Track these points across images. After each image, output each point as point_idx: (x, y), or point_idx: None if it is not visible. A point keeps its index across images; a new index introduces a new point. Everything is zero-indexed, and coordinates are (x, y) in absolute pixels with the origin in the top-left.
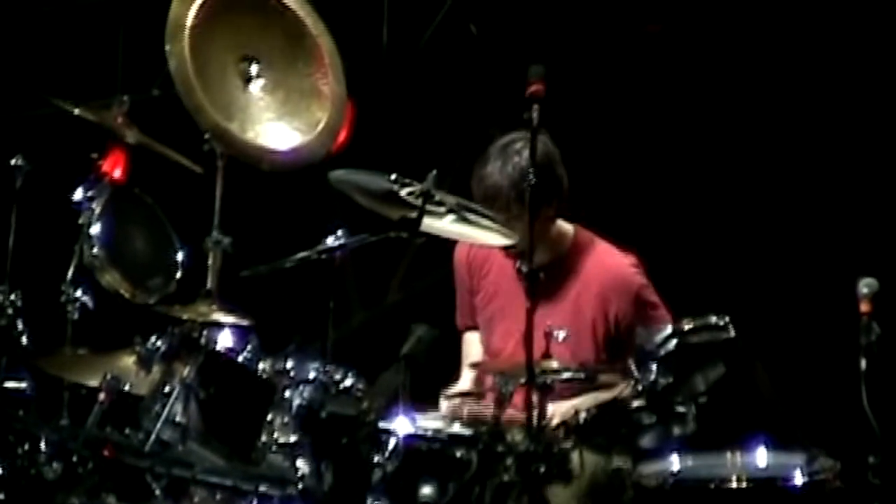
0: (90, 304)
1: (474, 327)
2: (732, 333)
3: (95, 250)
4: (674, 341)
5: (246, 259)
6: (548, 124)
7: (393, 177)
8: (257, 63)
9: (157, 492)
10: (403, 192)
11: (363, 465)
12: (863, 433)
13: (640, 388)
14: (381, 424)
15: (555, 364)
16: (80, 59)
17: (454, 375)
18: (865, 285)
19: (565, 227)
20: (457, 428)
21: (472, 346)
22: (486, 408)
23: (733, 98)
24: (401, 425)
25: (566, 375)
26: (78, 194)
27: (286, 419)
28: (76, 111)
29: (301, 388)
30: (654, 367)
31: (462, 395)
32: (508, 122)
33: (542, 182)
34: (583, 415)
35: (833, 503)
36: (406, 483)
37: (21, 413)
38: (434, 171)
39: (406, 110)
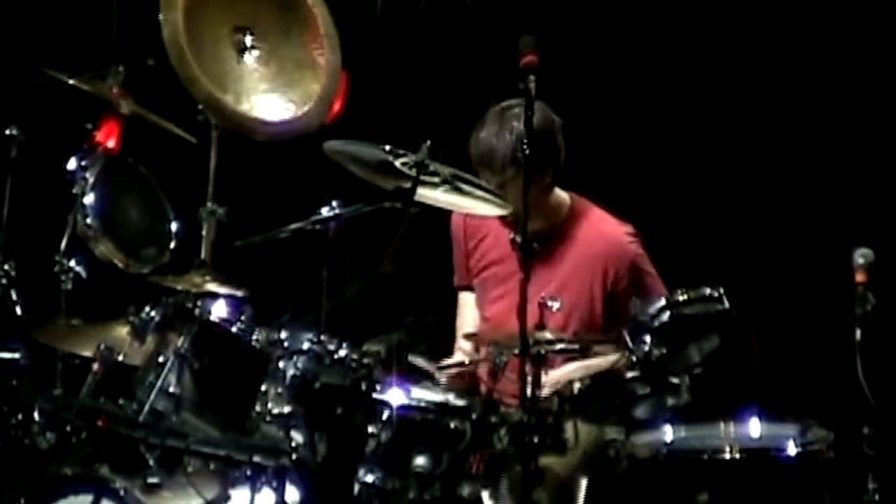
0: (84, 274)
1: (470, 287)
2: (727, 305)
3: (89, 220)
4: (668, 313)
5: (240, 229)
6: (541, 95)
7: (387, 147)
8: (251, 34)
9: (151, 462)
10: (398, 163)
11: (357, 435)
12: (857, 404)
13: (634, 358)
14: (376, 395)
15: (549, 335)
16: (75, 28)
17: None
18: (861, 255)
19: (562, 195)
20: (450, 398)
21: (467, 306)
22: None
23: (728, 67)
24: (395, 396)
25: (560, 346)
26: (72, 164)
27: (280, 389)
28: (71, 81)
29: (295, 358)
30: (648, 338)
31: (455, 365)
32: (503, 93)
33: (539, 149)
34: (576, 385)
35: (826, 474)
36: (400, 453)
37: (14, 383)
38: (428, 142)
39: (400, 81)
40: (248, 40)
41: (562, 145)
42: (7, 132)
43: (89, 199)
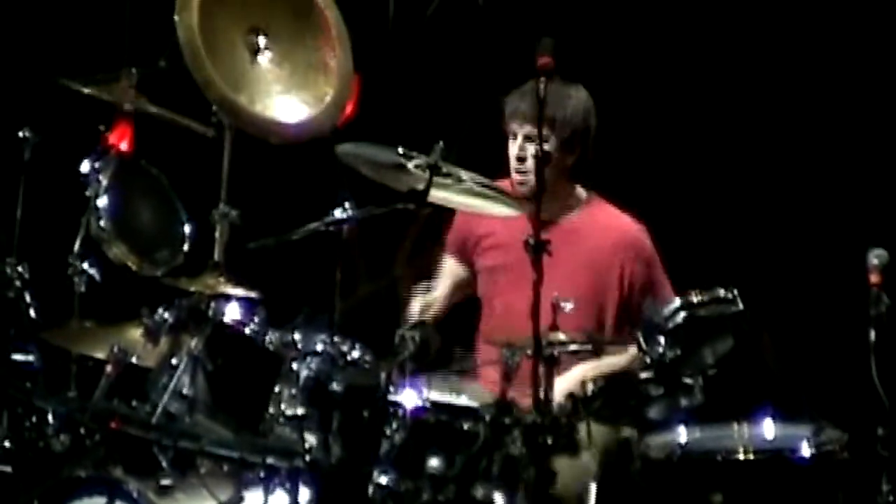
0: (97, 276)
1: (456, 257)
2: (741, 306)
3: (102, 223)
4: (682, 314)
5: (253, 231)
6: None
7: (400, 150)
8: (265, 35)
9: (164, 464)
10: (410, 165)
11: (371, 437)
12: (871, 405)
13: (648, 360)
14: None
15: (562, 336)
16: (88, 30)
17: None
18: (876, 256)
19: (579, 188)
20: (464, 400)
21: (448, 266)
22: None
23: (743, 67)
24: (408, 397)
25: (573, 348)
26: (85, 166)
27: (294, 391)
28: (86, 90)
29: (308, 359)
30: (662, 339)
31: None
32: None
33: (570, 127)
34: (590, 386)
35: (840, 475)
36: (413, 455)
37: (28, 385)
38: (440, 143)
39: (412, 83)
40: (262, 42)
41: (592, 129)
42: (20, 134)
43: (102, 201)
